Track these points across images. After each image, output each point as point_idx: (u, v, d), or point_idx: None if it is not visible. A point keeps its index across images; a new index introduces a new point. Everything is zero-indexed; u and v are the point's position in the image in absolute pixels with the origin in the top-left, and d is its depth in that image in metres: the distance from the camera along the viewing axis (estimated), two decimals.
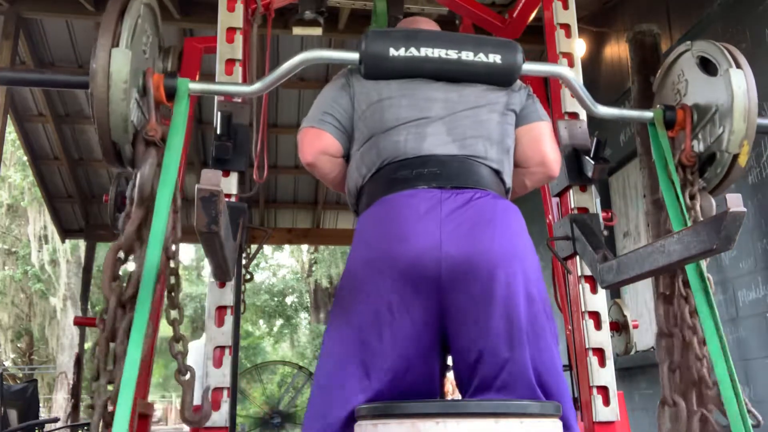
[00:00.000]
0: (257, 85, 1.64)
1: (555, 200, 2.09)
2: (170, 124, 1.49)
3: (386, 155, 1.55)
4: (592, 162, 1.89)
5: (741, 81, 1.64)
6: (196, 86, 1.60)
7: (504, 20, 2.77)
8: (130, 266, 1.41)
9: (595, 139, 1.92)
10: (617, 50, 5.05)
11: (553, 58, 2.13)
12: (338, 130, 1.62)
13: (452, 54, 1.59)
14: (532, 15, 2.63)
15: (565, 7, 2.17)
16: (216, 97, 1.82)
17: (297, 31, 3.36)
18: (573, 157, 1.96)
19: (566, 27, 2.15)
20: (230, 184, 1.76)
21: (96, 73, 1.36)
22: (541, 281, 1.50)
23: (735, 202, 1.38)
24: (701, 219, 1.69)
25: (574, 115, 2.05)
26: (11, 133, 8.17)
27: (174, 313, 1.39)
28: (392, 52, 1.58)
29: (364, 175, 1.58)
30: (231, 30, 1.92)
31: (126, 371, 1.25)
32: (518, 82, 1.69)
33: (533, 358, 1.41)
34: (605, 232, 1.96)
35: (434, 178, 1.51)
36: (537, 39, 4.60)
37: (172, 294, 1.41)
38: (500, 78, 1.64)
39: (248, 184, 1.94)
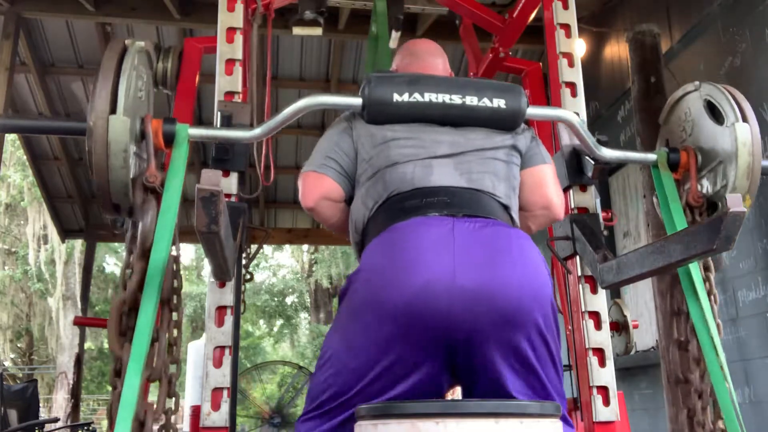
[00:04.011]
0: (257, 131, 1.62)
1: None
2: (168, 169, 1.48)
3: (394, 186, 1.52)
4: (592, 162, 1.90)
5: (746, 136, 1.68)
6: (195, 132, 1.59)
7: (504, 20, 2.77)
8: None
9: (595, 140, 1.92)
10: (617, 50, 5.05)
11: (553, 58, 2.13)
12: (340, 175, 1.59)
13: (456, 99, 1.58)
14: (532, 15, 2.63)
15: (565, 7, 2.17)
16: (216, 96, 1.82)
17: (297, 31, 3.36)
18: (573, 158, 1.96)
19: (566, 27, 2.15)
20: (230, 184, 1.75)
21: (94, 139, 1.35)
22: (556, 311, 1.46)
23: (735, 202, 1.38)
24: (710, 262, 1.75)
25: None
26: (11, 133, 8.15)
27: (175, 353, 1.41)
28: (396, 97, 1.56)
29: (371, 207, 1.54)
30: (231, 30, 1.92)
31: (128, 379, 1.25)
32: (522, 124, 1.68)
33: (550, 384, 1.42)
34: (605, 232, 1.96)
35: (445, 206, 1.47)
36: (537, 39, 4.62)
37: (173, 348, 1.42)
38: (505, 122, 1.63)
39: (248, 184, 1.94)
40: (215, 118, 1.73)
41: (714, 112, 1.78)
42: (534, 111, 1.69)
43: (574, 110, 2.05)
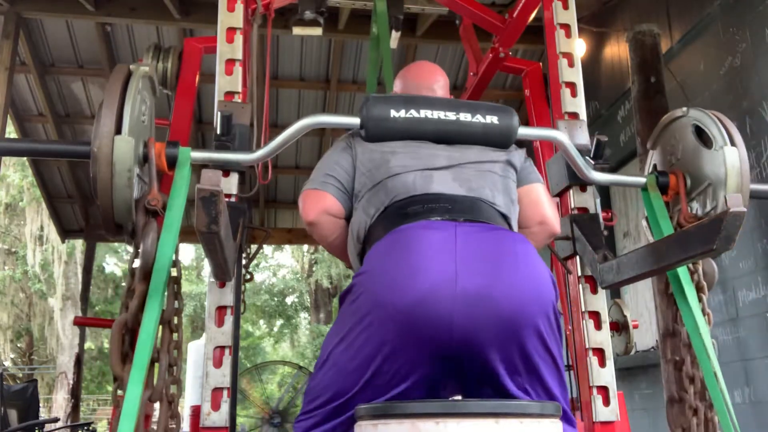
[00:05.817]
0: (259, 153, 1.66)
1: (555, 200, 2.09)
2: (171, 191, 1.49)
3: (395, 192, 1.56)
4: (592, 162, 1.90)
5: (735, 160, 1.71)
6: (197, 155, 1.61)
7: (504, 20, 2.77)
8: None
9: (595, 139, 1.92)
10: (617, 50, 5.05)
11: (553, 58, 2.14)
12: (339, 191, 1.63)
13: (450, 116, 1.65)
14: (532, 15, 2.63)
15: (565, 7, 2.17)
16: (216, 96, 1.82)
17: (297, 31, 3.37)
18: None
19: (566, 27, 2.15)
20: (230, 184, 1.76)
21: (99, 160, 1.36)
22: (558, 315, 1.46)
23: (735, 202, 1.38)
24: (704, 284, 1.81)
25: (574, 115, 2.06)
26: (11, 133, 8.15)
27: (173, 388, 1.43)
28: (393, 113, 1.63)
29: (372, 214, 1.57)
30: (231, 30, 1.92)
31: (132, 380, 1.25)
32: (514, 145, 1.74)
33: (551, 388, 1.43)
34: (605, 232, 1.97)
35: (447, 211, 1.50)
36: (537, 39, 4.62)
37: (173, 368, 1.44)
38: (498, 138, 1.68)
39: (249, 184, 1.94)
40: (215, 118, 1.73)
41: (702, 136, 1.81)
42: (525, 131, 1.74)
43: (574, 110, 2.06)
